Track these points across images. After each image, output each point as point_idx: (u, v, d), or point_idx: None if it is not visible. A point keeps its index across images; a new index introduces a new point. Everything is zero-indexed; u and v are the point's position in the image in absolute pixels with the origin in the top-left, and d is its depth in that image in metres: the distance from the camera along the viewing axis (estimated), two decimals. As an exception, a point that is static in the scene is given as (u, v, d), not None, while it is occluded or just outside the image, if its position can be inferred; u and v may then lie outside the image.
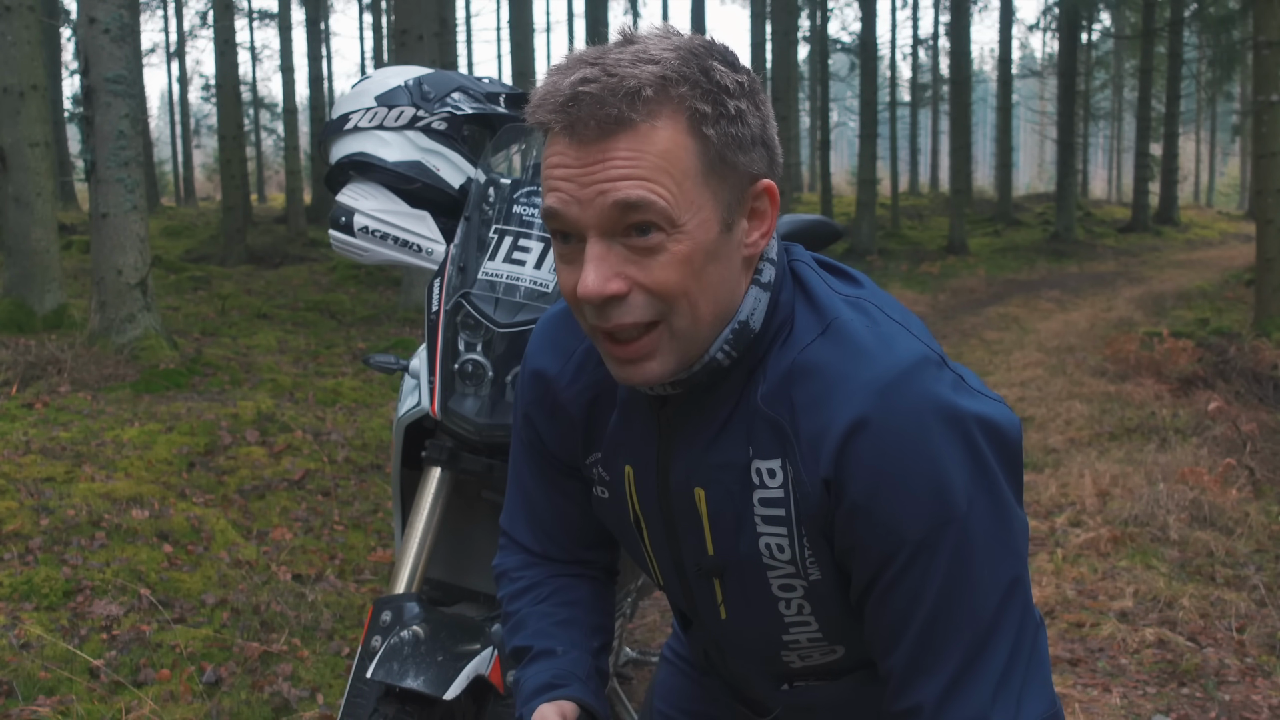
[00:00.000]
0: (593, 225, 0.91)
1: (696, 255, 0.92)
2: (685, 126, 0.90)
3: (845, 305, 1.00)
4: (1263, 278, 8.24)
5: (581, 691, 1.13)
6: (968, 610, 0.93)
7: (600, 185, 0.89)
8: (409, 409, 1.88)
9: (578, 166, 0.90)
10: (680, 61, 0.91)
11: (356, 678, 1.65)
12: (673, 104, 0.90)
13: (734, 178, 0.94)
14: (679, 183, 0.90)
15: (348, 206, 1.92)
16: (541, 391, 1.16)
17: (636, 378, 0.97)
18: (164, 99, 43.91)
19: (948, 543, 0.92)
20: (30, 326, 6.63)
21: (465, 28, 29.91)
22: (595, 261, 0.91)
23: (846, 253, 16.57)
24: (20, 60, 6.70)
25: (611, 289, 0.91)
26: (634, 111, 0.88)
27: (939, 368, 0.95)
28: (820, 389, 0.95)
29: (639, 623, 3.32)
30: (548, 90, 0.91)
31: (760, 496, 1.00)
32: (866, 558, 0.96)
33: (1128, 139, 32.58)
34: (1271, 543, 3.92)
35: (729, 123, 0.92)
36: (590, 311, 0.94)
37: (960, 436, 0.92)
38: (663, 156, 0.89)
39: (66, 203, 20.04)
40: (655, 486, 1.08)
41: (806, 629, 1.08)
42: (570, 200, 0.91)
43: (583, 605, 1.22)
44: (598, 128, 0.89)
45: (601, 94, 0.88)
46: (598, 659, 1.20)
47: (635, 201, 0.89)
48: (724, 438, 1.02)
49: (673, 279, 0.92)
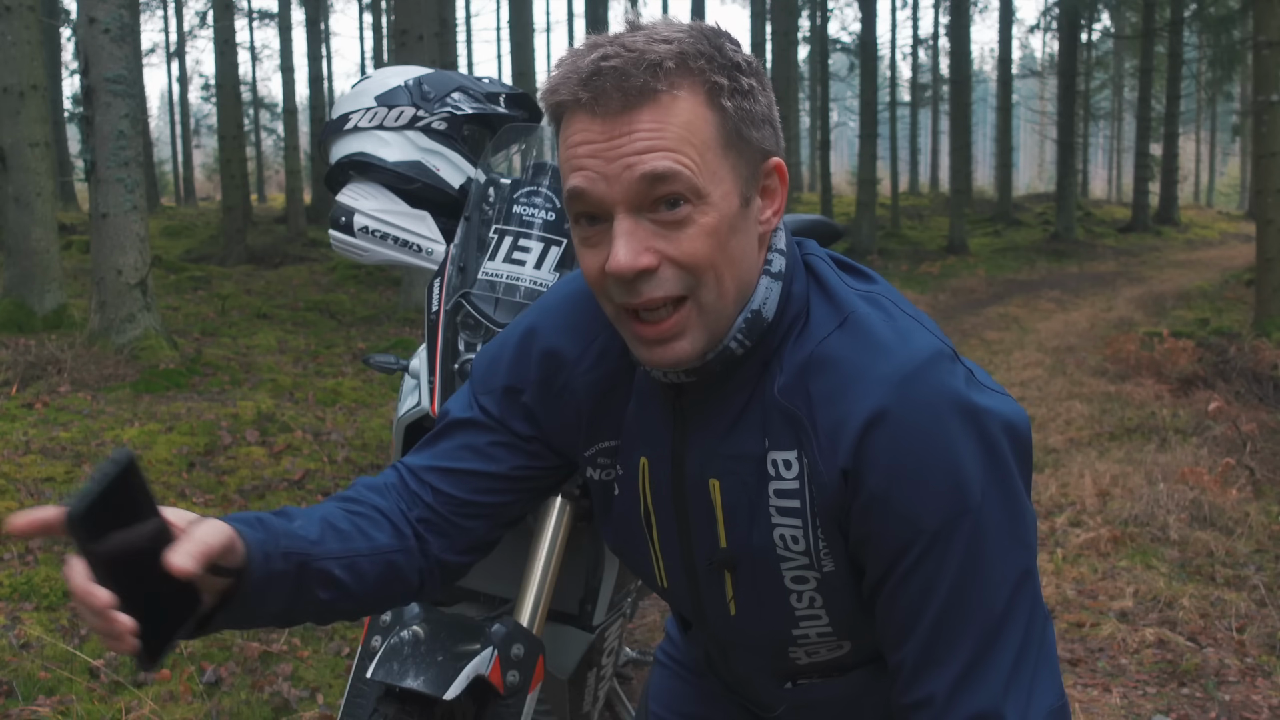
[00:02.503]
0: (620, 200, 0.91)
1: (722, 227, 0.93)
2: (704, 99, 0.92)
3: (861, 300, 1.01)
4: (1263, 278, 8.24)
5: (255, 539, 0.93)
6: (980, 601, 0.94)
7: (627, 159, 0.90)
8: (409, 409, 1.88)
9: (602, 141, 0.91)
10: (693, 40, 0.93)
11: (356, 678, 1.65)
12: (692, 76, 0.92)
13: (749, 152, 0.95)
14: (702, 154, 0.91)
15: (348, 206, 1.92)
16: (550, 371, 1.13)
17: (667, 358, 0.97)
18: (164, 99, 43.91)
19: (962, 534, 0.93)
20: (30, 326, 6.63)
21: (465, 28, 29.93)
22: (625, 237, 0.92)
23: (846, 253, 16.52)
24: (20, 60, 6.70)
25: (643, 263, 0.92)
26: (657, 82, 0.90)
27: (953, 362, 0.97)
28: (838, 381, 0.96)
29: (639, 623, 3.32)
30: (567, 70, 0.93)
31: (775, 488, 1.01)
32: (881, 549, 0.97)
33: (1128, 139, 32.59)
34: (1271, 543, 3.92)
35: (743, 97, 0.94)
36: (618, 290, 0.94)
37: (975, 430, 0.94)
38: (685, 127, 0.91)
39: (66, 203, 20.03)
40: (670, 478, 1.08)
41: (817, 623, 1.08)
42: (597, 177, 0.91)
43: (368, 541, 1.06)
44: (622, 99, 0.90)
45: (625, 66, 0.90)
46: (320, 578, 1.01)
47: (663, 173, 0.90)
48: (739, 429, 1.02)
49: (701, 250, 0.93)
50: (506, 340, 1.16)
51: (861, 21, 18.66)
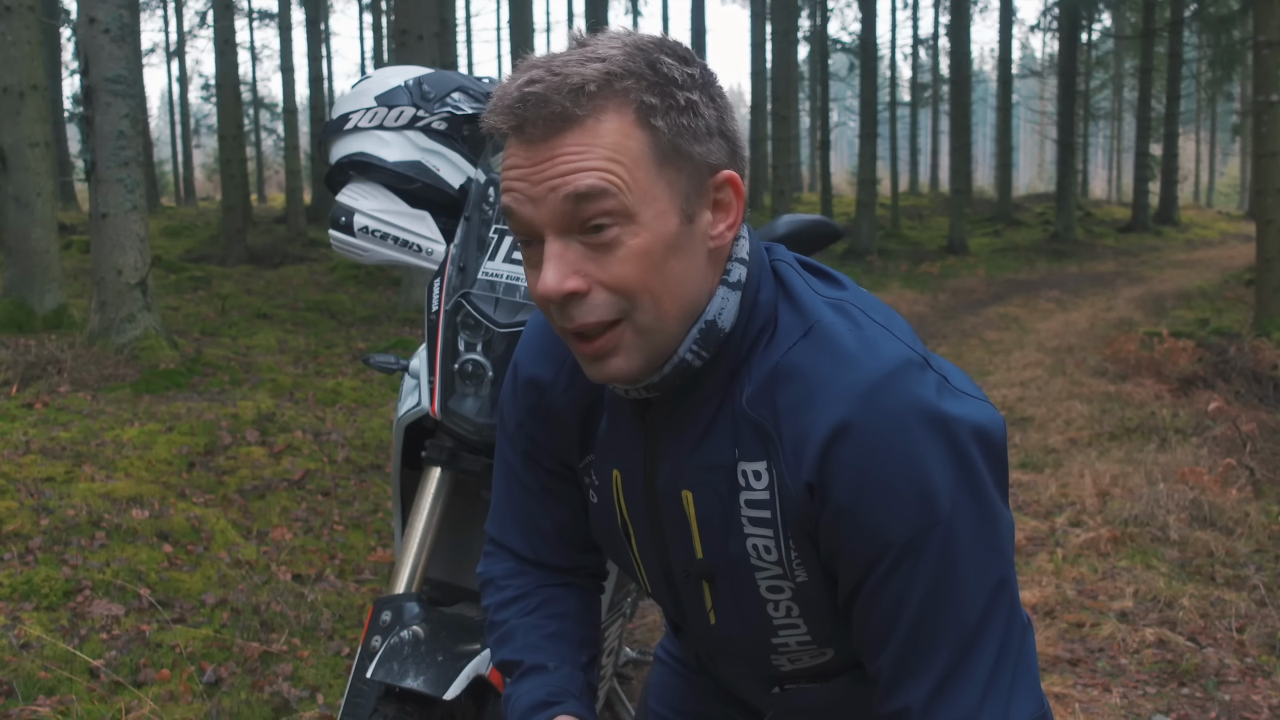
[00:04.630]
0: (548, 223, 0.91)
1: (655, 249, 0.92)
2: (633, 119, 0.90)
3: (827, 307, 0.99)
4: (1263, 278, 8.24)
5: (577, 708, 1.12)
6: (954, 612, 0.93)
7: (551, 181, 0.90)
8: (409, 409, 1.88)
9: (529, 166, 0.91)
10: (626, 57, 0.91)
11: (356, 678, 1.65)
12: (618, 97, 0.90)
13: (690, 168, 0.93)
14: (631, 173, 0.90)
15: (348, 206, 1.92)
16: (536, 399, 1.16)
17: (605, 375, 0.97)
18: (164, 99, 43.92)
19: (933, 545, 0.92)
20: (30, 326, 6.64)
21: (465, 28, 29.91)
22: (554, 260, 0.91)
23: (846, 253, 16.57)
24: (20, 60, 6.70)
25: (569, 286, 0.91)
26: (578, 107, 0.89)
27: (922, 370, 0.95)
28: (803, 392, 0.95)
29: (639, 623, 3.32)
30: (498, 95, 0.92)
31: (746, 498, 1.00)
32: (852, 561, 0.96)
33: (1128, 139, 32.58)
34: (1271, 543, 3.92)
35: (679, 113, 0.92)
36: (555, 312, 0.95)
37: (943, 439, 0.92)
38: (611, 149, 0.89)
39: (66, 203, 20.04)
40: (642, 490, 1.08)
41: (795, 631, 1.08)
42: (524, 199, 0.92)
43: (572, 618, 1.21)
44: (545, 126, 0.89)
45: (546, 93, 0.89)
46: (588, 673, 1.18)
47: (585, 191, 0.89)
48: (709, 440, 1.01)
49: (631, 274, 0.91)
50: (507, 378, 1.21)
51: (861, 21, 18.66)
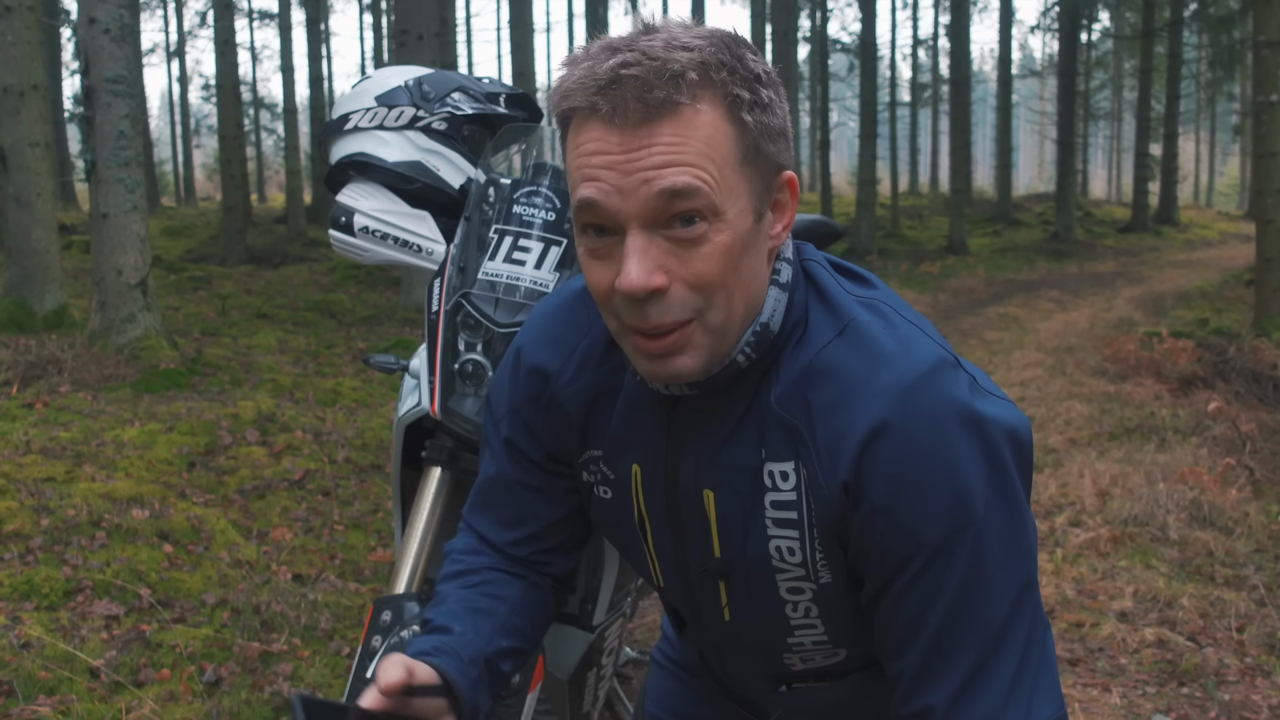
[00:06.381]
0: (635, 216, 0.88)
1: (736, 246, 0.90)
2: (725, 112, 0.88)
3: (860, 306, 0.98)
4: (1263, 278, 8.24)
5: (449, 665, 1.03)
6: (982, 613, 0.93)
7: (645, 173, 0.86)
8: (409, 409, 1.88)
9: (620, 153, 0.87)
10: (715, 49, 0.89)
11: (356, 678, 1.65)
12: (714, 89, 0.88)
13: (765, 167, 0.92)
14: (721, 170, 0.88)
15: (348, 206, 1.92)
16: (539, 388, 1.14)
17: (668, 373, 0.94)
18: (164, 99, 43.93)
19: (965, 546, 0.92)
20: (30, 326, 6.64)
21: (465, 28, 29.91)
22: (638, 254, 0.88)
23: (846, 253, 16.57)
24: (20, 60, 6.70)
25: (655, 282, 0.88)
26: (680, 94, 0.86)
27: (955, 370, 0.95)
28: (838, 392, 0.94)
29: (639, 623, 3.32)
30: (583, 75, 0.88)
31: (772, 499, 0.99)
32: (882, 561, 0.95)
33: (1128, 139, 32.57)
34: (1271, 543, 3.92)
35: (762, 110, 0.91)
36: (626, 310, 0.91)
37: (978, 440, 0.92)
38: (706, 142, 0.87)
39: (66, 203, 20.04)
40: (663, 487, 1.07)
41: (812, 632, 1.07)
42: (611, 190, 0.88)
43: (507, 603, 1.15)
44: (643, 110, 0.86)
45: (646, 76, 0.85)
46: (500, 658, 1.12)
47: (683, 189, 0.86)
48: (736, 439, 1.00)
49: (714, 271, 0.90)
50: (505, 364, 1.18)
51: (861, 21, 18.66)
